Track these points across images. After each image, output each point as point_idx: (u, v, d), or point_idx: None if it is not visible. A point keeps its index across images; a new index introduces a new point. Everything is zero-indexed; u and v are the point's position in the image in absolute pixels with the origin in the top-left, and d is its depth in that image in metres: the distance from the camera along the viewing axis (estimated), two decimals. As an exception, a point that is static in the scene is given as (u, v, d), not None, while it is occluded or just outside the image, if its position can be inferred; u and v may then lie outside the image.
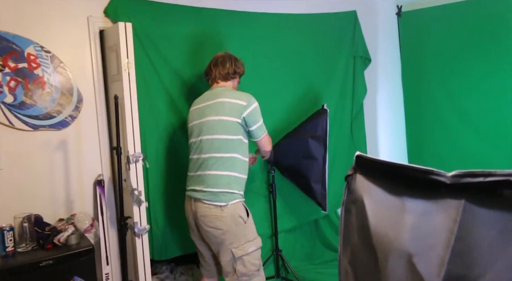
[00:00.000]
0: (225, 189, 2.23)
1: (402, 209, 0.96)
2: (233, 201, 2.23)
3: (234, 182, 2.27)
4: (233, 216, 2.21)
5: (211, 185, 2.24)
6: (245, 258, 2.22)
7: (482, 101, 3.24)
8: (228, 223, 2.20)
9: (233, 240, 2.22)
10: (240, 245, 2.22)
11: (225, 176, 2.25)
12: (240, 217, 2.23)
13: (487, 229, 0.80)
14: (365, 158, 1.12)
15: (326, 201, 2.85)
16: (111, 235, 2.70)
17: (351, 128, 3.70)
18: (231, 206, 2.22)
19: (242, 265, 2.22)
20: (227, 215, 2.20)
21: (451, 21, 3.37)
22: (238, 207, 2.24)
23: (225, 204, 2.20)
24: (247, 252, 2.22)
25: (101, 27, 2.65)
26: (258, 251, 2.30)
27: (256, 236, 2.30)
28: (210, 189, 2.24)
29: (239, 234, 2.22)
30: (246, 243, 2.23)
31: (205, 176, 2.27)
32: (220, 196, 2.22)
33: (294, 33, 3.33)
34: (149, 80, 2.72)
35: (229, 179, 2.26)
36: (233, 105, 2.28)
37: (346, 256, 1.12)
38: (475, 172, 0.84)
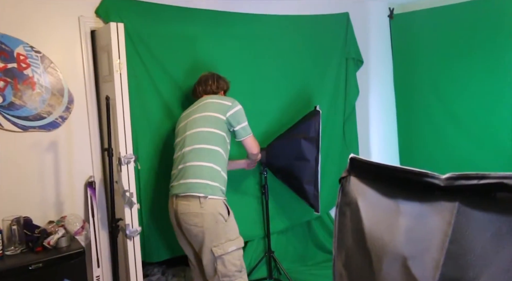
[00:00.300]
0: (207, 180, 2.23)
1: (396, 211, 0.96)
2: (214, 196, 2.22)
3: (217, 176, 2.27)
4: (213, 213, 2.20)
5: (192, 176, 2.24)
6: (225, 258, 2.21)
7: (473, 103, 3.27)
8: (208, 220, 2.19)
9: (213, 238, 2.20)
10: (220, 244, 2.21)
11: (208, 167, 2.26)
12: (221, 215, 2.22)
13: (481, 232, 0.81)
14: (359, 160, 1.12)
15: (318, 202, 2.86)
16: (102, 237, 2.67)
17: (343, 129, 3.71)
18: (211, 202, 2.20)
19: (222, 265, 2.21)
20: (207, 212, 2.19)
21: (442, 24, 3.40)
22: (218, 204, 2.23)
23: (204, 195, 2.19)
24: (227, 251, 2.21)
25: (93, 27, 2.63)
26: (239, 251, 2.28)
27: (237, 235, 2.29)
28: (191, 180, 2.24)
29: (219, 232, 2.21)
30: (227, 242, 2.22)
31: (187, 167, 2.28)
32: (201, 187, 2.21)
33: (287, 34, 3.34)
34: (141, 81, 2.70)
35: (212, 171, 2.26)
36: (218, 104, 2.40)
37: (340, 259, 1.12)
38: (469, 174, 0.84)
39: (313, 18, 3.47)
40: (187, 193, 2.23)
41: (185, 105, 2.88)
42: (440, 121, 3.51)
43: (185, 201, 2.24)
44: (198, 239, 2.24)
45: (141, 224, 2.62)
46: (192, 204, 2.21)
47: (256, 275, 3.14)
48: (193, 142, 2.33)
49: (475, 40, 3.21)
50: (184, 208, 2.24)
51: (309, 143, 2.78)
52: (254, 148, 2.55)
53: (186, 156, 2.31)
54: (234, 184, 3.07)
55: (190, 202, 2.22)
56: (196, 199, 2.20)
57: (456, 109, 3.38)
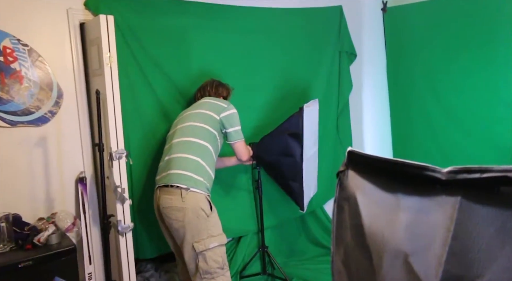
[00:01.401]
0: (191, 173, 2.21)
1: (396, 206, 0.94)
2: (196, 190, 2.20)
3: (203, 171, 2.25)
4: (194, 208, 2.18)
5: (177, 167, 2.23)
6: (207, 254, 2.19)
7: (467, 97, 3.27)
8: (189, 215, 2.17)
9: (194, 234, 2.19)
10: (201, 240, 2.18)
11: (194, 161, 2.25)
12: (202, 210, 2.19)
13: (485, 227, 0.79)
14: (357, 153, 1.09)
15: (303, 201, 2.82)
16: (94, 234, 2.64)
17: (336, 123, 3.70)
18: (193, 195, 2.18)
19: (203, 261, 2.19)
20: (188, 207, 2.17)
21: (436, 17, 3.39)
22: (200, 199, 2.21)
23: (186, 187, 2.17)
24: (208, 247, 2.18)
25: (82, 20, 2.57)
26: (222, 248, 2.26)
27: (220, 232, 2.27)
28: (175, 171, 2.23)
29: (201, 228, 2.19)
30: (209, 238, 2.20)
31: (172, 159, 2.28)
32: (184, 179, 2.19)
33: (280, 27, 3.30)
34: (132, 75, 2.66)
35: (198, 165, 2.25)
36: (214, 104, 2.44)
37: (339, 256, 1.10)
38: (472, 167, 0.82)
39: (306, 11, 3.43)
40: (169, 183, 2.21)
41: (178, 99, 2.85)
42: (433, 115, 3.50)
43: (167, 194, 2.22)
44: (179, 234, 2.22)
45: (133, 220, 2.58)
46: (174, 198, 2.19)
47: (250, 271, 3.12)
48: (182, 135, 2.33)
49: (469, 34, 3.20)
50: (166, 202, 2.22)
51: (294, 139, 2.74)
52: (243, 154, 2.57)
53: (174, 147, 2.31)
54: (227, 179, 3.04)
55: (172, 196, 2.20)
56: (178, 192, 2.18)
57: (450, 103, 3.38)
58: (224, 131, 2.43)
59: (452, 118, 3.38)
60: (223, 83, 2.70)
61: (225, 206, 2.85)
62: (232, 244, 3.26)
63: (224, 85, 2.69)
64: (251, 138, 2.91)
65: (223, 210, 2.50)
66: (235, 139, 2.47)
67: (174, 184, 2.21)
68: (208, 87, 2.65)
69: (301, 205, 2.83)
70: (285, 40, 3.31)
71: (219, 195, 2.94)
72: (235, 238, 3.27)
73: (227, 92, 2.69)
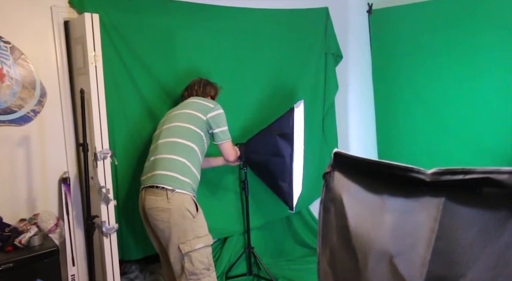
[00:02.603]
0: (177, 174, 2.20)
1: (382, 207, 0.95)
2: (182, 191, 2.19)
3: (188, 172, 2.25)
4: (180, 209, 2.17)
5: (162, 168, 2.22)
6: (193, 255, 2.18)
7: (450, 99, 3.33)
8: (175, 216, 2.16)
9: (180, 235, 2.17)
10: (187, 241, 2.17)
11: (180, 162, 2.24)
12: (188, 211, 2.18)
13: (468, 228, 0.80)
14: (343, 154, 1.10)
15: (292, 201, 2.83)
16: (78, 235, 2.60)
17: (322, 124, 3.72)
18: (179, 196, 2.17)
19: (189, 262, 2.18)
20: (174, 207, 2.16)
21: (421, 20, 3.44)
22: (186, 199, 2.20)
23: (171, 188, 2.16)
24: (194, 248, 2.18)
25: (66, 18, 2.53)
26: (208, 249, 2.25)
27: (206, 233, 2.26)
28: (160, 172, 2.21)
29: (187, 228, 2.18)
30: (194, 239, 2.19)
31: (158, 159, 2.27)
32: (170, 180, 2.18)
33: (266, 28, 3.30)
34: (117, 74, 2.63)
35: (183, 166, 2.24)
36: (201, 105, 2.42)
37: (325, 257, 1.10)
38: (455, 169, 0.83)
39: (292, 12, 3.44)
40: (154, 184, 2.20)
41: (164, 99, 2.83)
42: (417, 117, 3.55)
43: (152, 195, 2.21)
44: (165, 235, 2.21)
45: (118, 221, 2.55)
46: (160, 199, 2.18)
47: (236, 271, 3.12)
48: (168, 135, 2.32)
49: (453, 37, 3.25)
50: (151, 203, 2.21)
51: (284, 140, 2.75)
52: (230, 154, 2.55)
53: (159, 148, 2.30)
54: (214, 179, 3.03)
55: (158, 197, 2.19)
56: (163, 193, 2.17)
57: (434, 105, 3.43)
58: (211, 132, 2.42)
59: (436, 120, 3.43)
60: (211, 82, 2.68)
61: (212, 207, 2.85)
62: (218, 245, 3.25)
63: (212, 84, 2.67)
64: (237, 139, 2.91)
65: (209, 211, 2.49)
66: (222, 140, 2.46)
67: (159, 185, 2.19)
68: (196, 86, 2.63)
69: (290, 205, 2.84)
70: (272, 41, 3.32)
71: (206, 195, 2.92)
72: (221, 238, 3.27)
73: (215, 91, 2.67)
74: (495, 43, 3.04)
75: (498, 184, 0.78)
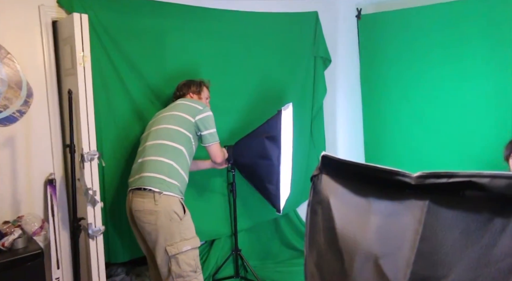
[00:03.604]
0: (164, 176, 2.20)
1: (368, 210, 0.96)
2: (169, 193, 2.18)
3: (176, 174, 2.24)
4: (167, 211, 2.16)
5: (150, 170, 2.22)
6: (180, 257, 2.17)
7: (437, 104, 3.38)
8: (162, 218, 2.16)
9: (167, 237, 2.17)
10: (174, 243, 2.17)
11: (168, 164, 2.23)
12: (175, 213, 2.18)
13: (450, 230, 0.82)
14: (331, 158, 1.12)
15: (279, 203, 2.84)
16: (63, 238, 2.57)
17: (311, 127, 3.74)
18: (166, 198, 2.17)
19: (176, 265, 2.17)
20: (161, 210, 2.15)
21: (409, 26, 3.49)
22: (173, 201, 2.20)
23: (159, 191, 2.16)
24: (181, 250, 2.17)
25: (54, 18, 2.50)
26: (195, 251, 2.25)
27: (193, 235, 2.26)
28: (148, 174, 2.21)
29: (174, 231, 2.18)
30: (182, 241, 2.18)
31: (145, 161, 2.26)
32: (157, 182, 2.18)
33: (256, 31, 3.32)
34: (106, 75, 2.61)
35: (171, 169, 2.23)
36: (189, 106, 2.42)
37: (312, 258, 1.11)
38: (439, 173, 0.85)
39: (282, 16, 3.47)
40: (142, 186, 2.19)
41: (152, 101, 2.81)
42: (405, 121, 3.60)
43: (140, 197, 2.20)
44: (152, 237, 2.20)
45: (104, 223, 2.52)
46: (147, 201, 2.17)
47: (223, 274, 3.11)
48: (156, 137, 2.31)
49: (440, 43, 3.31)
50: (138, 205, 2.20)
51: (272, 142, 2.76)
52: (218, 156, 2.54)
53: (147, 150, 2.29)
54: (201, 181, 3.03)
55: (145, 199, 2.18)
56: (150, 195, 2.17)
57: (421, 109, 3.48)
58: (199, 134, 2.42)
59: (422, 123, 3.48)
60: (193, 80, 2.66)
61: (199, 209, 2.84)
62: (205, 247, 3.24)
63: (195, 81, 2.65)
64: (226, 141, 2.91)
65: (197, 213, 2.49)
66: (210, 142, 2.46)
67: (147, 187, 2.18)
68: (181, 85, 2.64)
69: (278, 208, 2.85)
70: (262, 44, 3.33)
71: (194, 197, 2.92)
72: (209, 241, 3.26)
73: (199, 87, 2.64)
74: (481, 49, 3.10)
75: (480, 187, 0.80)
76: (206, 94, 2.68)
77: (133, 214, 2.25)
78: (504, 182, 0.79)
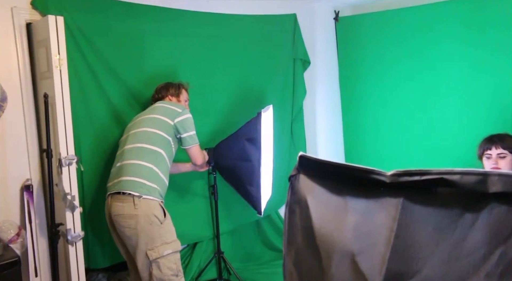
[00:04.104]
0: (144, 180, 2.19)
1: (345, 208, 0.98)
2: (149, 196, 2.17)
3: (156, 178, 2.23)
4: (147, 215, 2.15)
5: (129, 174, 2.20)
6: (160, 261, 2.16)
7: (413, 104, 3.45)
8: (142, 223, 2.14)
9: (147, 241, 2.16)
10: (155, 247, 2.16)
11: (147, 167, 2.22)
12: (155, 217, 2.17)
13: (423, 226, 0.84)
14: (308, 158, 1.13)
15: (260, 205, 2.86)
16: (41, 244, 2.51)
17: (291, 128, 3.77)
18: (146, 202, 2.16)
19: (157, 269, 2.16)
20: (140, 214, 2.14)
21: (386, 28, 3.56)
22: (153, 205, 2.18)
23: (138, 195, 2.14)
24: (162, 254, 2.16)
25: (28, 20, 2.45)
26: (176, 255, 2.24)
27: (174, 239, 2.25)
28: (127, 178, 2.19)
29: (154, 235, 2.16)
30: (162, 245, 2.17)
31: (124, 165, 2.24)
32: (137, 186, 2.16)
33: (236, 33, 3.33)
34: (83, 78, 2.57)
35: (151, 172, 2.22)
36: (168, 109, 2.40)
37: (290, 257, 1.13)
38: (412, 171, 0.88)
39: (261, 18, 3.48)
40: (121, 190, 2.17)
41: (131, 103, 2.79)
42: (383, 120, 3.66)
43: (119, 202, 2.18)
44: (132, 242, 2.19)
45: (84, 228, 2.49)
46: (126, 205, 2.16)
47: (206, 277, 3.10)
48: (135, 141, 2.29)
49: (415, 45, 3.38)
50: (117, 210, 2.18)
51: (252, 144, 2.77)
52: (198, 158, 2.53)
53: (126, 154, 2.27)
54: (183, 184, 3.01)
55: (124, 203, 2.16)
56: (130, 199, 2.15)
57: (399, 110, 3.55)
58: (179, 136, 2.40)
59: (400, 123, 3.55)
60: (172, 83, 2.64)
61: (181, 212, 2.82)
62: (187, 251, 3.22)
63: (173, 84, 2.63)
64: (206, 144, 2.90)
65: (178, 216, 2.47)
66: (189, 144, 2.44)
67: (126, 191, 2.16)
68: (160, 90, 2.62)
69: (259, 209, 2.86)
70: (241, 46, 3.34)
71: (175, 200, 2.90)
72: (191, 244, 3.24)
73: (177, 90, 2.62)
74: (456, 51, 3.18)
75: (451, 184, 0.83)
76: (185, 97, 2.67)
77: (112, 219, 2.22)
78: (473, 178, 0.82)
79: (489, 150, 2.26)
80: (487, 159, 2.27)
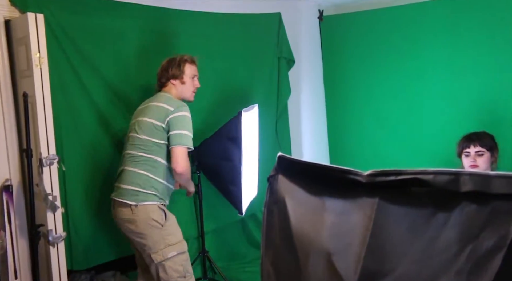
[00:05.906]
0: (139, 188, 2.18)
1: (322, 208, 0.99)
2: (145, 202, 2.17)
3: (153, 185, 2.21)
4: (145, 219, 2.15)
5: (126, 182, 2.21)
6: (166, 264, 2.16)
7: (396, 105, 3.50)
8: (142, 227, 2.15)
9: (151, 245, 2.16)
10: (159, 250, 2.16)
11: (143, 175, 2.20)
12: (154, 220, 2.16)
13: (398, 225, 0.86)
14: (286, 158, 1.14)
15: (241, 205, 2.86)
16: (21, 246, 2.47)
17: (276, 127, 3.78)
18: (142, 208, 2.16)
19: (163, 272, 2.16)
20: (139, 218, 2.15)
21: (370, 27, 3.59)
22: (151, 209, 2.17)
23: (134, 203, 2.15)
24: (166, 257, 2.16)
25: (7, 17, 2.41)
26: (182, 256, 2.23)
27: (179, 240, 2.25)
28: (124, 186, 2.21)
29: (156, 238, 2.16)
30: (166, 248, 2.17)
31: (124, 171, 2.26)
32: (132, 195, 2.17)
33: (220, 32, 3.31)
34: (64, 77, 2.54)
35: (147, 180, 2.20)
36: (160, 108, 2.24)
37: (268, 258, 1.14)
38: (388, 171, 0.89)
39: (245, 17, 3.48)
40: (119, 199, 2.21)
41: (114, 102, 2.76)
42: (366, 120, 3.70)
43: (120, 206, 2.22)
44: (139, 246, 2.21)
45: (66, 229, 2.46)
46: (125, 210, 2.18)
47: None
48: (130, 147, 2.27)
49: (399, 44, 3.42)
50: (119, 214, 2.22)
51: (233, 144, 2.76)
52: (178, 163, 2.15)
53: (125, 159, 2.28)
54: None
55: (123, 208, 2.19)
56: (128, 206, 2.17)
57: (383, 109, 3.59)
58: (169, 135, 2.20)
59: (384, 123, 3.59)
60: (172, 60, 2.37)
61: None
62: (172, 250, 3.21)
63: (173, 62, 2.35)
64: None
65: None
66: (175, 144, 2.16)
67: (123, 200, 2.18)
68: (161, 75, 2.38)
69: (240, 209, 2.86)
70: (225, 44, 3.33)
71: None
72: (175, 243, 3.23)
73: (178, 69, 2.33)
74: (438, 50, 3.22)
75: (425, 184, 0.85)
76: (189, 73, 2.37)
77: (117, 222, 2.26)
78: (446, 178, 0.84)
79: (467, 148, 2.30)
80: (465, 157, 2.32)
